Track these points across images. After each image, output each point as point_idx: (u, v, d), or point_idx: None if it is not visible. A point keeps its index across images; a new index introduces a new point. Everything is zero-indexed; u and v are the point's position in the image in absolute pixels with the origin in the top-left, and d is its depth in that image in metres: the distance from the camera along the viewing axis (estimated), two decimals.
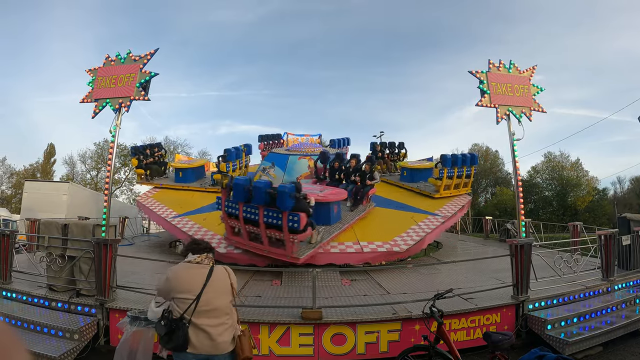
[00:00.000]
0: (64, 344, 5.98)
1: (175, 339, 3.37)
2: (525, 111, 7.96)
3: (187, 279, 3.50)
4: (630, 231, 9.31)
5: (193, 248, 3.69)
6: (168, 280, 3.51)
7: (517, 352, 5.97)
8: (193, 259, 3.61)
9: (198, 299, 3.42)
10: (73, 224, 7.55)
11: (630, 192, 55.32)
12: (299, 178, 14.93)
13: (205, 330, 3.41)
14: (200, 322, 3.41)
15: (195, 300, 3.41)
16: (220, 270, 3.68)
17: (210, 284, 3.50)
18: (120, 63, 7.76)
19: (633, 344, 6.78)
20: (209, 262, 3.66)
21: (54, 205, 19.77)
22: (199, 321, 3.41)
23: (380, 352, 6.35)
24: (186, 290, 3.44)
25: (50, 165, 49.07)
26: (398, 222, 12.15)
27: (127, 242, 15.39)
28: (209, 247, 3.77)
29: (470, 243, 17.00)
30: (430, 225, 11.96)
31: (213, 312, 3.48)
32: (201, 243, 3.76)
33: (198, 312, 3.41)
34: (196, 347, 3.39)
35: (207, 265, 3.62)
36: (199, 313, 3.42)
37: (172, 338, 3.38)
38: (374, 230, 11.52)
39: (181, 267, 3.60)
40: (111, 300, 6.87)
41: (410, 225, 11.82)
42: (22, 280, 7.83)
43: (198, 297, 3.42)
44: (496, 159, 55.75)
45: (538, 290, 7.35)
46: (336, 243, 10.58)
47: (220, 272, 3.65)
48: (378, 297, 7.71)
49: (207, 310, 3.45)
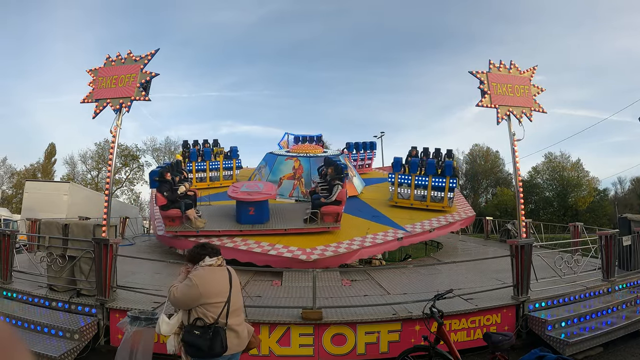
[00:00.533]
0: (64, 344, 5.97)
1: (216, 346, 3.28)
2: (525, 111, 7.96)
3: (215, 282, 3.46)
4: (631, 232, 9.30)
5: (209, 251, 3.61)
6: (195, 287, 3.35)
7: (517, 352, 5.97)
8: (214, 261, 3.57)
9: (229, 301, 3.42)
10: (73, 224, 7.56)
11: (631, 193, 55.29)
12: (282, 178, 15.03)
13: (234, 330, 3.44)
14: (232, 323, 3.42)
15: (227, 303, 3.41)
16: (232, 270, 3.71)
17: (233, 285, 3.54)
18: (121, 63, 7.77)
19: (633, 344, 6.77)
20: (224, 264, 3.68)
21: (54, 205, 19.79)
22: (232, 322, 3.42)
23: (380, 352, 6.35)
24: (217, 293, 3.41)
25: (50, 165, 49.09)
26: (347, 231, 11.54)
27: (127, 242, 15.40)
28: (218, 248, 3.78)
29: (470, 243, 16.99)
30: (379, 239, 11.15)
31: (237, 312, 3.54)
32: (213, 246, 3.74)
33: (231, 313, 3.42)
34: (229, 349, 3.38)
35: (225, 267, 3.64)
36: (231, 313, 3.43)
37: (213, 346, 3.27)
38: (311, 236, 11.20)
39: (206, 272, 3.50)
40: (111, 301, 6.87)
41: (354, 236, 11.20)
42: (23, 280, 7.84)
43: (228, 299, 3.43)
44: (497, 159, 55.76)
45: (538, 291, 7.34)
46: (252, 241, 10.77)
47: (234, 272, 3.70)
48: (378, 297, 7.71)
49: (234, 310, 3.48)
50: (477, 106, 7.86)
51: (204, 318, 3.35)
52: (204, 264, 3.54)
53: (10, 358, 0.89)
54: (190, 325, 3.40)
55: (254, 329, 3.87)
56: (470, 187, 57.54)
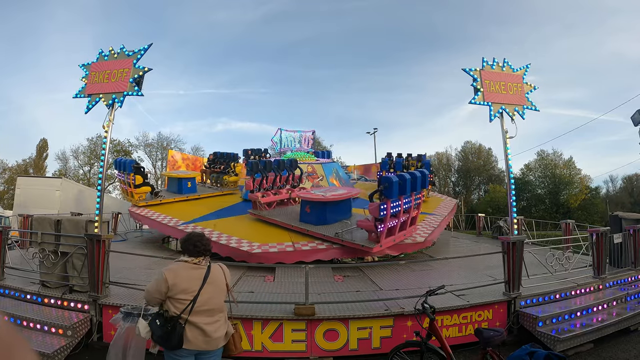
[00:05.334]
0: (57, 340, 5.95)
1: (172, 339, 3.37)
2: (518, 109, 8.00)
3: (186, 279, 3.48)
4: (622, 229, 9.38)
5: (190, 250, 3.62)
6: (163, 281, 3.44)
7: (508, 348, 6.01)
8: (190, 260, 3.58)
9: (195, 300, 3.43)
10: (66, 219, 7.51)
11: (622, 191, 55.91)
12: None
13: (200, 327, 3.43)
14: (196, 321, 3.43)
15: (192, 302, 3.42)
16: (216, 269, 3.68)
17: (208, 284, 3.52)
18: (114, 58, 7.71)
19: (623, 341, 6.85)
20: (206, 263, 3.65)
21: (46, 201, 19.66)
22: (195, 319, 3.43)
23: (372, 348, 6.38)
24: (183, 290, 3.44)
25: (42, 160, 48.75)
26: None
27: (120, 238, 15.34)
28: (207, 249, 3.71)
29: (462, 240, 17.06)
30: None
31: (209, 312, 3.51)
32: (199, 245, 3.64)
33: (195, 312, 3.43)
34: (191, 343, 3.42)
35: (204, 266, 3.61)
36: (196, 312, 3.43)
37: (169, 338, 3.38)
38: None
39: (179, 267, 3.55)
40: (104, 297, 6.84)
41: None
42: (15, 277, 7.77)
43: (195, 298, 3.44)
44: (489, 156, 56.06)
45: (530, 287, 7.40)
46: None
47: (217, 272, 3.66)
48: (370, 293, 7.74)
49: (204, 309, 3.47)
50: (470, 103, 7.89)
51: (168, 310, 3.46)
52: (179, 260, 3.62)
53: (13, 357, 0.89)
54: (156, 314, 3.55)
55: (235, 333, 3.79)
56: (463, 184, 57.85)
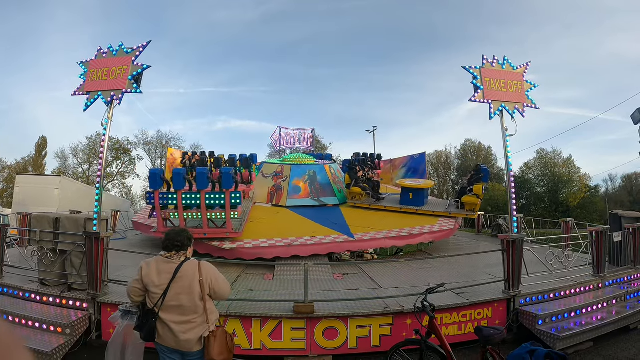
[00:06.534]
0: (56, 338, 5.94)
1: (144, 330, 3.52)
2: (518, 107, 7.98)
3: (156, 273, 3.54)
4: (622, 228, 9.37)
5: (165, 244, 3.69)
6: (139, 271, 3.60)
7: (508, 346, 6.02)
8: (164, 254, 3.66)
9: (165, 295, 3.48)
10: (65, 217, 7.49)
11: (622, 190, 55.89)
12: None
13: (169, 326, 3.47)
14: (165, 317, 3.48)
15: (162, 296, 3.48)
16: (189, 266, 3.60)
17: (176, 281, 3.51)
18: (112, 55, 7.68)
19: (623, 339, 6.85)
20: (180, 258, 3.63)
21: (45, 199, 19.65)
22: (165, 316, 3.48)
23: (372, 346, 6.38)
24: (154, 283, 3.51)
25: (41, 158, 48.69)
26: None
27: (119, 236, 15.32)
28: (182, 243, 3.68)
29: (462, 238, 17.07)
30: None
31: (178, 309, 3.49)
32: (173, 239, 3.67)
33: (165, 307, 3.48)
34: (163, 339, 3.52)
35: (176, 261, 3.60)
36: (166, 308, 3.48)
37: (143, 329, 3.54)
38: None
39: (153, 261, 3.65)
40: (103, 295, 6.83)
41: None
42: (14, 275, 7.75)
43: (165, 292, 3.48)
44: (489, 155, 56.01)
45: (529, 286, 7.40)
46: None
47: (189, 269, 3.58)
48: (370, 291, 7.73)
49: (174, 305, 3.49)
50: (470, 101, 7.87)
51: (146, 302, 3.59)
52: (159, 254, 3.71)
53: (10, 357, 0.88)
54: (141, 304, 3.68)
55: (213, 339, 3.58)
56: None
